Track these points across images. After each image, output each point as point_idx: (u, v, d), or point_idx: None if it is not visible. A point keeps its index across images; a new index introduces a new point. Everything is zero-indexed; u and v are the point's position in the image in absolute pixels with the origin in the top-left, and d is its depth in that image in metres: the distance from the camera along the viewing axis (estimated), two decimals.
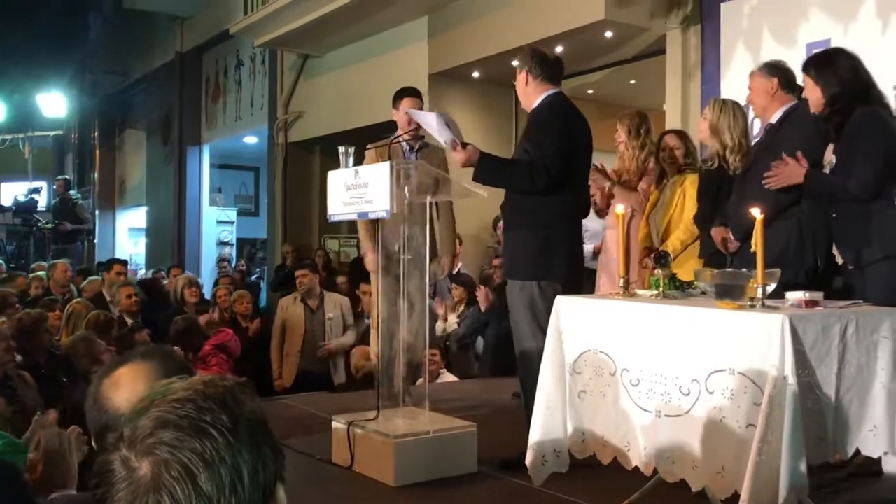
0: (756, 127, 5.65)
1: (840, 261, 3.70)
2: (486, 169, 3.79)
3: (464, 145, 3.80)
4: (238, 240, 15.16)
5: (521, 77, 4.00)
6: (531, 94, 3.96)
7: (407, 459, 3.46)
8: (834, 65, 3.58)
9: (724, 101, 4.41)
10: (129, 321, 6.17)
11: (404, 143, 4.61)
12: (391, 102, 7.65)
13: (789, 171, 3.57)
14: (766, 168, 3.71)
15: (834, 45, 5.51)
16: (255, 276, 13.69)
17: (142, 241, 16.82)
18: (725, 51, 6.29)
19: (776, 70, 3.89)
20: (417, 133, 4.60)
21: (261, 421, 1.06)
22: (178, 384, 1.06)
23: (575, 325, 3.20)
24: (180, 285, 7.34)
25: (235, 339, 6.21)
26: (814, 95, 3.59)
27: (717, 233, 4.05)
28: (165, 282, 9.35)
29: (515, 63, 4.09)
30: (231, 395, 1.05)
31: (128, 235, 17.55)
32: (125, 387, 1.59)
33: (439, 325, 6.55)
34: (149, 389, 1.38)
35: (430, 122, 3.90)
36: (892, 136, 3.52)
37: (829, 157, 3.63)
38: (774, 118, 3.88)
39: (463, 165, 3.78)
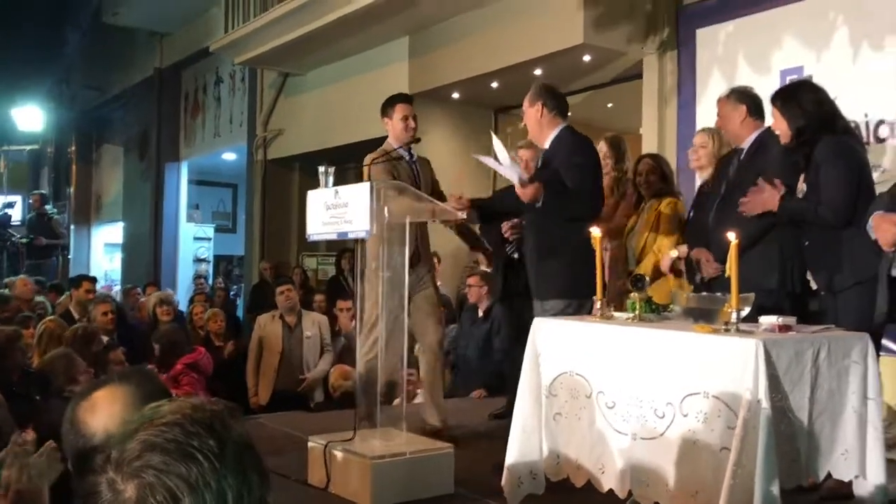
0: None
1: (814, 286, 3.76)
2: (550, 201, 3.92)
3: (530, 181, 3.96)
4: (215, 256, 15.08)
5: (532, 111, 4.14)
6: (545, 126, 4.12)
7: (384, 481, 3.45)
8: (798, 98, 3.67)
9: (718, 130, 4.51)
10: (105, 339, 6.09)
11: (404, 152, 4.59)
12: (372, 121, 7.57)
13: (764, 197, 3.63)
14: (745, 194, 3.78)
15: (807, 72, 5.63)
16: (231, 293, 13.61)
17: (117, 257, 16.68)
18: (701, 76, 6.39)
19: (744, 97, 3.98)
20: (412, 142, 4.60)
21: (248, 445, 1.07)
22: (167, 407, 1.06)
23: (551, 347, 3.22)
24: (152, 303, 7.23)
25: (208, 357, 6.16)
26: (781, 127, 3.69)
27: (697, 253, 4.09)
28: (142, 299, 9.27)
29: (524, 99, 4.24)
30: (219, 420, 1.05)
31: (103, 251, 17.40)
32: (102, 411, 1.58)
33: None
34: (126, 414, 1.38)
35: (501, 163, 4.01)
36: (859, 163, 3.60)
37: (801, 186, 3.70)
38: (746, 144, 3.95)
39: (529, 201, 3.91)
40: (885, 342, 3.79)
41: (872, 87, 5.23)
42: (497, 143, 4.06)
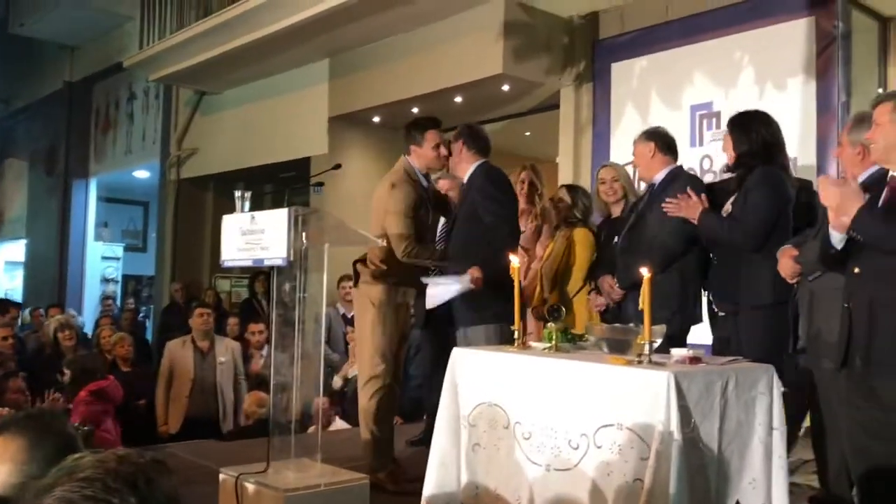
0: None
1: (716, 309, 3.89)
2: (490, 265, 4.01)
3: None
4: (124, 276, 14.61)
5: (455, 147, 4.32)
6: (463, 162, 4.32)
7: None
8: (749, 125, 3.86)
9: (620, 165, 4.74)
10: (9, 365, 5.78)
11: (423, 179, 4.48)
12: (290, 142, 7.40)
13: (688, 205, 3.80)
14: (654, 224, 3.92)
15: (716, 108, 5.87)
16: (140, 315, 13.18)
17: (19, 275, 15.99)
18: (616, 109, 6.57)
19: (652, 135, 4.17)
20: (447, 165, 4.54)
21: (173, 502, 1.02)
22: (89, 459, 1.01)
23: (470, 377, 3.23)
24: (52, 328, 6.84)
25: (117, 386, 5.89)
26: (729, 149, 3.88)
27: (604, 281, 4.22)
28: (46, 322, 8.87)
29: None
30: (143, 476, 1.00)
31: (4, 269, 16.66)
32: None
33: (337, 380, 6.42)
34: (16, 471, 1.30)
35: (444, 284, 4.19)
36: (785, 196, 3.77)
37: (727, 208, 3.83)
38: (658, 178, 4.08)
39: (481, 285, 4.03)
40: None
41: None
42: (430, 283, 4.20)
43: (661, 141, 4.13)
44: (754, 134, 3.82)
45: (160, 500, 1.00)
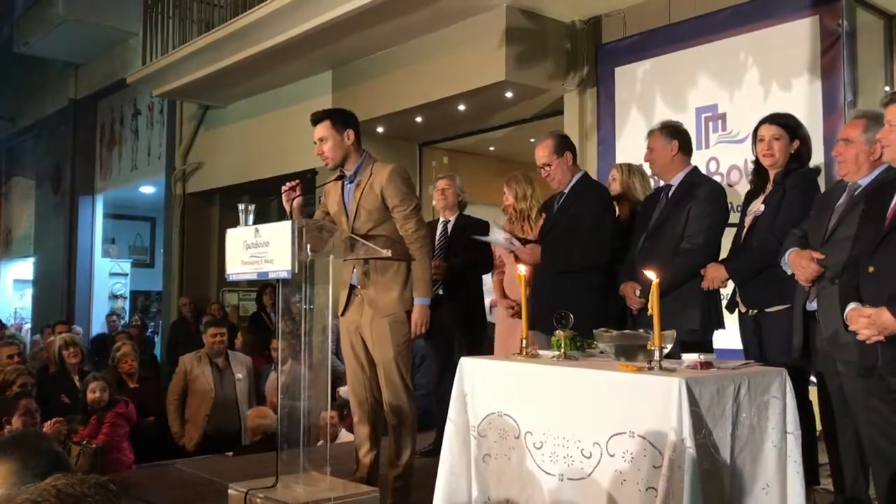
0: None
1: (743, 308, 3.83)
2: (552, 260, 4.18)
3: (524, 243, 4.31)
4: (132, 292, 14.63)
5: (563, 160, 4.27)
6: (569, 172, 4.31)
7: None
8: (802, 131, 3.83)
9: (629, 165, 4.68)
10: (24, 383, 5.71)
11: (345, 173, 4.46)
12: (294, 154, 7.35)
13: (712, 277, 3.77)
14: (674, 231, 3.89)
15: (721, 110, 5.82)
16: (149, 331, 13.20)
17: (28, 294, 16.04)
18: (620, 113, 6.53)
19: (676, 132, 4.05)
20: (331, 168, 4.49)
21: None
22: (24, 496, 0.96)
23: (479, 387, 3.19)
24: (57, 345, 6.80)
25: (132, 408, 5.84)
26: (790, 148, 3.76)
27: (627, 288, 4.03)
28: (51, 340, 8.84)
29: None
30: None
31: (13, 287, 16.72)
32: None
33: (343, 389, 6.38)
34: (9, 495, 1.27)
35: (497, 238, 4.50)
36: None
37: (759, 207, 3.77)
38: (675, 180, 4.01)
39: (530, 264, 4.12)
40: None
41: None
42: (493, 228, 4.61)
43: (683, 140, 4.04)
44: (806, 140, 3.81)
45: None
